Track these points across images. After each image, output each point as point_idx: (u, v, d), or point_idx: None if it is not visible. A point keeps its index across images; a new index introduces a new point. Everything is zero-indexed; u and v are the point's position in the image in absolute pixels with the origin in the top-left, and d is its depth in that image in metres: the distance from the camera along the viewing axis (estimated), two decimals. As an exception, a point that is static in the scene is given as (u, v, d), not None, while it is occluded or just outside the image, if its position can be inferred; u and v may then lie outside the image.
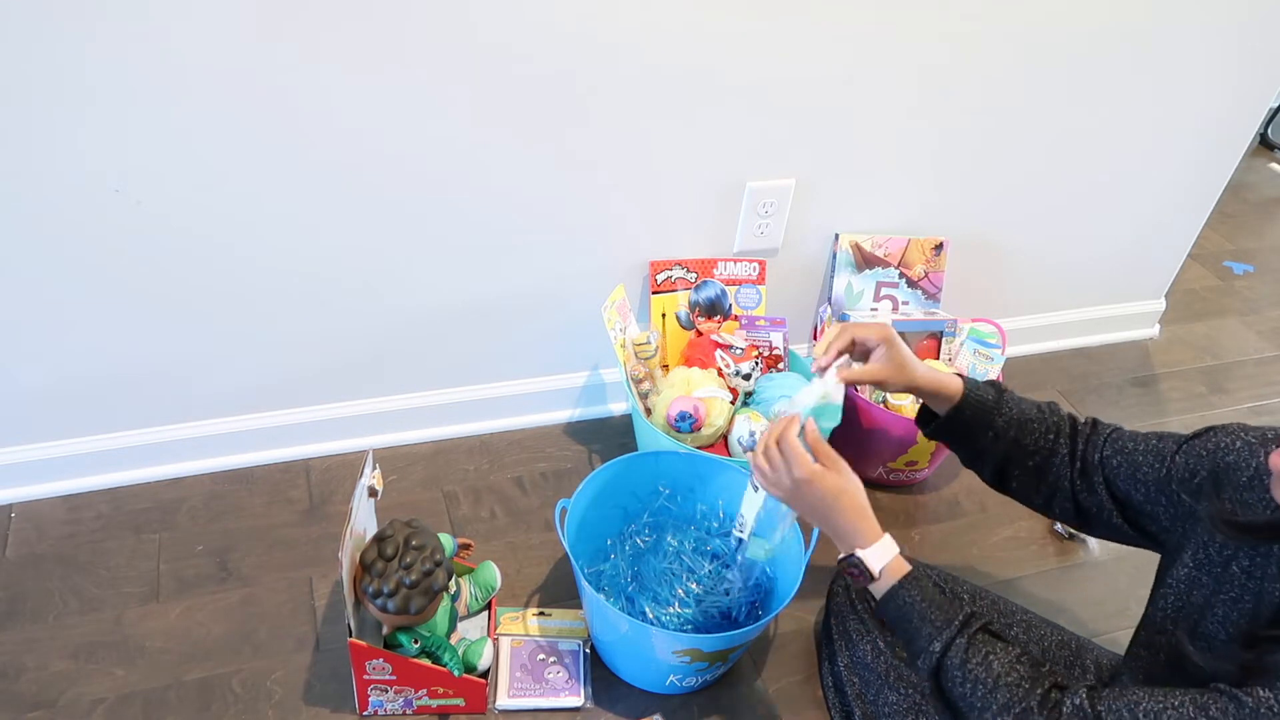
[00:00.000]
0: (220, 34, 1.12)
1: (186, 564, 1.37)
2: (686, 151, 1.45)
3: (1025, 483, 1.12)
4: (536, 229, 1.45)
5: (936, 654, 0.94)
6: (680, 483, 1.38)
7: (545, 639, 1.30)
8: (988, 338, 1.70)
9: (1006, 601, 1.25)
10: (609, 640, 1.26)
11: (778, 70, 1.40)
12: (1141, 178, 1.84)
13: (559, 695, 1.25)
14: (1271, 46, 1.72)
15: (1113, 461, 1.04)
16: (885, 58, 1.45)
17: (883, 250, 1.70)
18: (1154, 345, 2.16)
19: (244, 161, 1.23)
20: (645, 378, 1.53)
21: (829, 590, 1.28)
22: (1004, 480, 1.14)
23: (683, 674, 1.22)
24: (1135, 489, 1.02)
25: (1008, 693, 0.89)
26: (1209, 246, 2.50)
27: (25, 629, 1.26)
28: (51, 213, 1.19)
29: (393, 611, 1.09)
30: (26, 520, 1.41)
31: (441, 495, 1.54)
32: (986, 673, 0.91)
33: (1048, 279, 1.94)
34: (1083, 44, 1.57)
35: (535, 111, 1.32)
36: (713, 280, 1.61)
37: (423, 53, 1.21)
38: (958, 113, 1.58)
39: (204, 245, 1.29)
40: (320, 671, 1.25)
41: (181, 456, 1.49)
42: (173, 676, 1.23)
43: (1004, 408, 1.11)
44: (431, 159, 1.31)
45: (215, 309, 1.36)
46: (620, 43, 1.29)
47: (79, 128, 1.14)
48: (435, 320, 1.50)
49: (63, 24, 1.06)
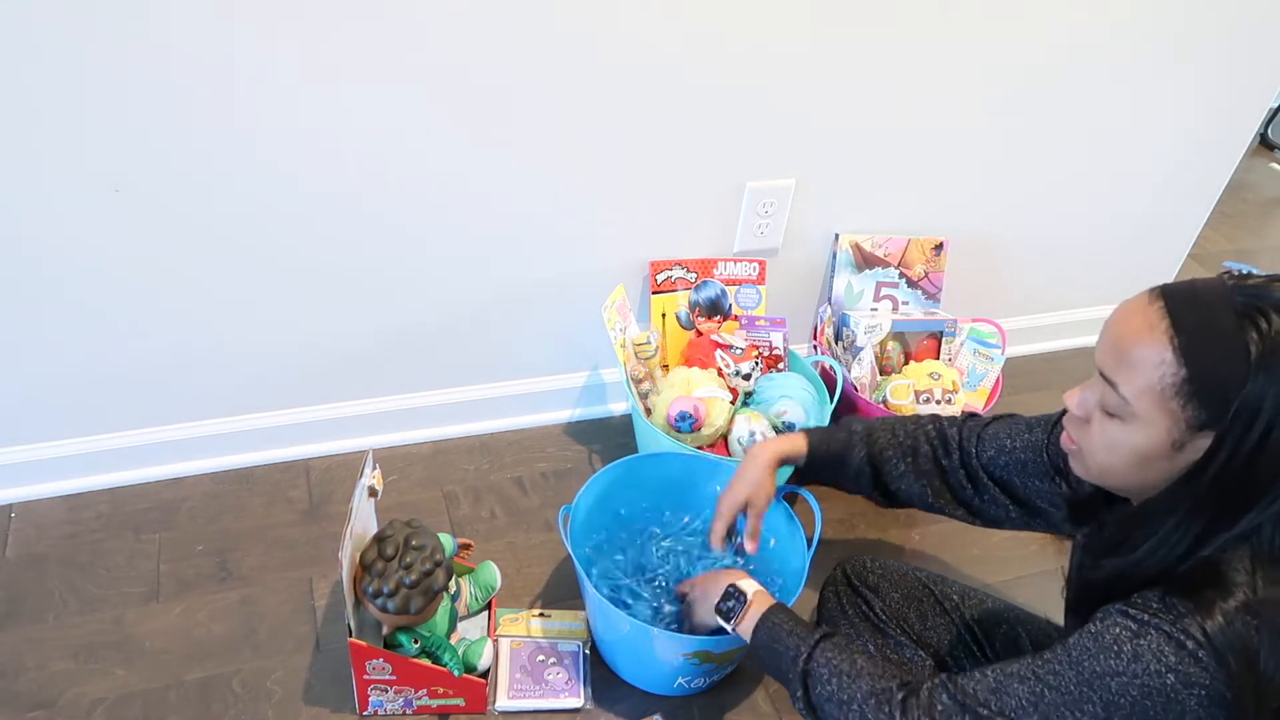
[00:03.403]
0: (219, 31, 1.12)
1: (186, 564, 1.37)
2: (687, 151, 1.45)
3: (915, 497, 1.18)
4: (537, 229, 1.45)
5: (804, 658, 0.97)
6: (682, 483, 1.38)
7: (545, 640, 1.30)
8: (988, 338, 1.70)
9: (997, 600, 1.25)
10: (613, 641, 1.26)
11: (778, 71, 1.40)
12: (1142, 178, 1.84)
13: (559, 696, 1.24)
14: (1271, 46, 1.72)
15: (998, 461, 1.10)
16: (885, 58, 1.45)
17: (883, 250, 1.70)
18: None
19: (244, 164, 1.23)
20: (645, 378, 1.53)
21: (820, 596, 1.28)
22: (894, 499, 1.20)
23: (691, 675, 1.22)
24: (1029, 484, 1.07)
25: (869, 681, 0.92)
26: (1209, 246, 2.50)
27: (25, 629, 1.26)
28: (51, 213, 1.19)
29: (393, 611, 1.09)
30: (26, 520, 1.41)
31: (441, 495, 1.54)
32: (850, 666, 0.95)
33: (1048, 279, 1.94)
34: (1082, 45, 1.57)
35: (535, 112, 1.32)
36: (713, 280, 1.61)
37: (423, 57, 1.21)
38: (958, 113, 1.58)
39: (203, 245, 1.29)
40: (320, 671, 1.25)
41: (181, 456, 1.49)
42: (173, 676, 1.23)
43: (854, 448, 1.18)
44: (431, 161, 1.31)
45: (215, 309, 1.36)
46: (621, 43, 1.29)
47: (70, 128, 1.14)
48: (435, 320, 1.50)
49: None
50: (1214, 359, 0.72)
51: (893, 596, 1.22)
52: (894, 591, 1.22)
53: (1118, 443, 0.80)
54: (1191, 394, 0.74)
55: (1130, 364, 0.76)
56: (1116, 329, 0.79)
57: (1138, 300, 0.78)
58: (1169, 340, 0.74)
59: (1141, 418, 0.77)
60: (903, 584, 1.23)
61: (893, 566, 1.25)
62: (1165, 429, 0.76)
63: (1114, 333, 0.79)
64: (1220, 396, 0.72)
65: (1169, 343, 0.74)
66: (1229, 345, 0.72)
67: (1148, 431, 0.77)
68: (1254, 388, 0.71)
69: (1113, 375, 0.78)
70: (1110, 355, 0.79)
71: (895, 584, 1.23)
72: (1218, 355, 0.72)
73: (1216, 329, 0.73)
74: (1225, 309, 0.73)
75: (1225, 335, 0.72)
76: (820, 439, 1.20)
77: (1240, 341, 0.71)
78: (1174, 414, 0.75)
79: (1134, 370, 0.76)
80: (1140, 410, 0.77)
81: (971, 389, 1.69)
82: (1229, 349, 0.72)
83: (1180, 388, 0.74)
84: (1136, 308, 0.77)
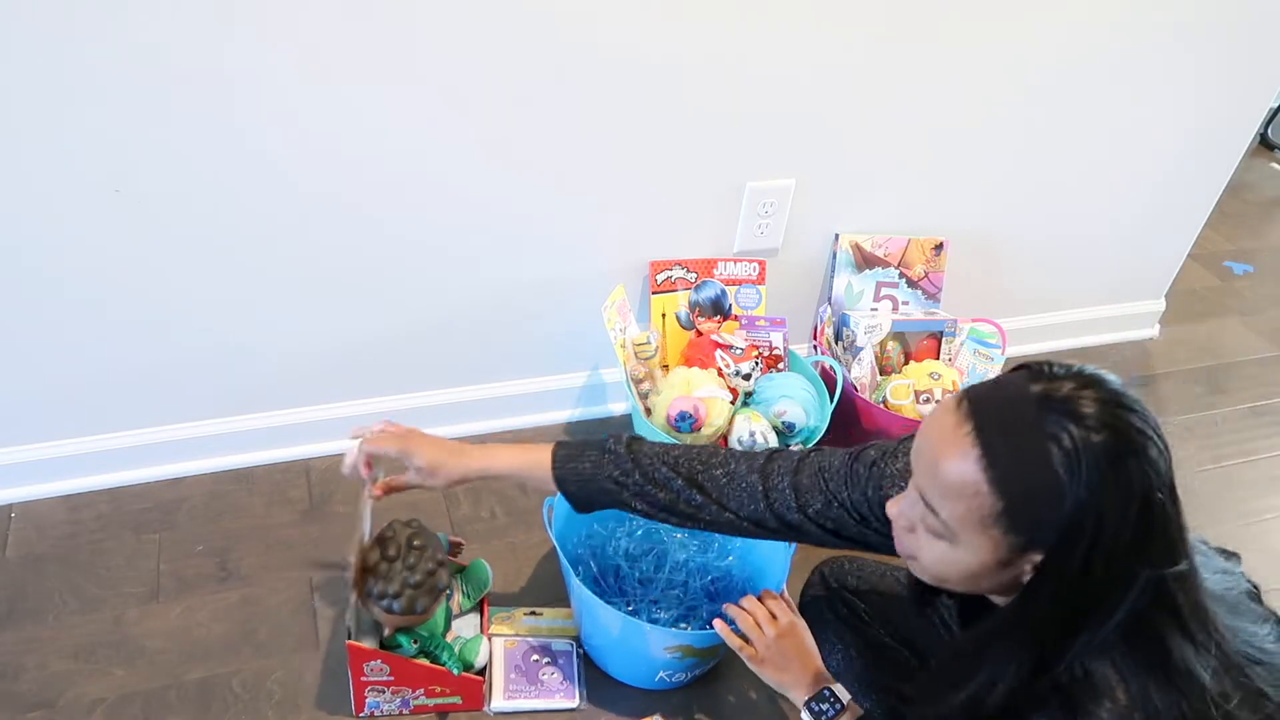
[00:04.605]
0: (208, 33, 1.12)
1: (186, 564, 1.37)
2: (687, 151, 1.45)
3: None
4: (537, 229, 1.45)
5: None
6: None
7: (538, 639, 1.30)
8: (988, 338, 1.70)
9: None
10: (596, 635, 1.26)
11: (778, 71, 1.40)
12: (1142, 178, 1.84)
13: (553, 697, 1.25)
14: (1271, 46, 1.72)
15: (827, 513, 1.00)
16: (885, 58, 1.45)
17: (883, 250, 1.70)
18: (1154, 345, 2.16)
19: (244, 165, 1.23)
20: (645, 378, 1.53)
21: (800, 602, 1.26)
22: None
23: (673, 670, 1.22)
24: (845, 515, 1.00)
25: None
26: (1209, 246, 2.50)
27: (25, 629, 1.26)
28: (51, 213, 1.19)
29: (398, 612, 1.09)
30: (26, 520, 1.41)
31: (441, 495, 1.54)
32: None
33: (1048, 279, 1.94)
34: (1082, 44, 1.57)
35: (536, 112, 1.32)
36: (713, 280, 1.61)
37: (424, 57, 1.21)
38: (958, 113, 1.58)
39: (203, 245, 1.29)
40: (320, 671, 1.25)
41: (181, 456, 1.49)
42: (173, 676, 1.23)
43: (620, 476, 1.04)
44: (430, 161, 1.31)
45: (215, 309, 1.36)
46: (621, 44, 1.29)
47: (65, 128, 1.14)
48: (435, 320, 1.50)
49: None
50: (1028, 487, 0.70)
51: (873, 597, 1.21)
52: (873, 593, 1.22)
53: (946, 559, 0.78)
54: (1011, 524, 0.72)
55: (945, 491, 0.74)
56: (931, 453, 0.75)
57: (947, 416, 0.74)
58: (982, 471, 0.71)
59: (964, 542, 0.75)
60: (882, 584, 1.22)
61: (870, 567, 1.24)
62: (989, 552, 0.75)
63: (928, 456, 0.76)
64: (1040, 522, 0.71)
65: (982, 474, 0.71)
66: (1041, 472, 0.69)
67: (973, 553, 0.76)
68: (1071, 509, 0.69)
69: (930, 499, 0.76)
70: (927, 478, 0.76)
71: (874, 584, 1.22)
72: (1031, 483, 0.70)
73: (1027, 454, 0.70)
74: (1034, 432, 0.70)
75: (1036, 461, 0.69)
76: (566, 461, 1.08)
77: (1050, 465, 0.68)
78: (995, 540, 0.73)
79: (950, 498, 0.74)
80: (962, 535, 0.75)
81: (971, 389, 1.68)
82: (1041, 475, 0.69)
83: (999, 518, 0.72)
84: (948, 427, 0.74)
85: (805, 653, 1.09)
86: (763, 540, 1.20)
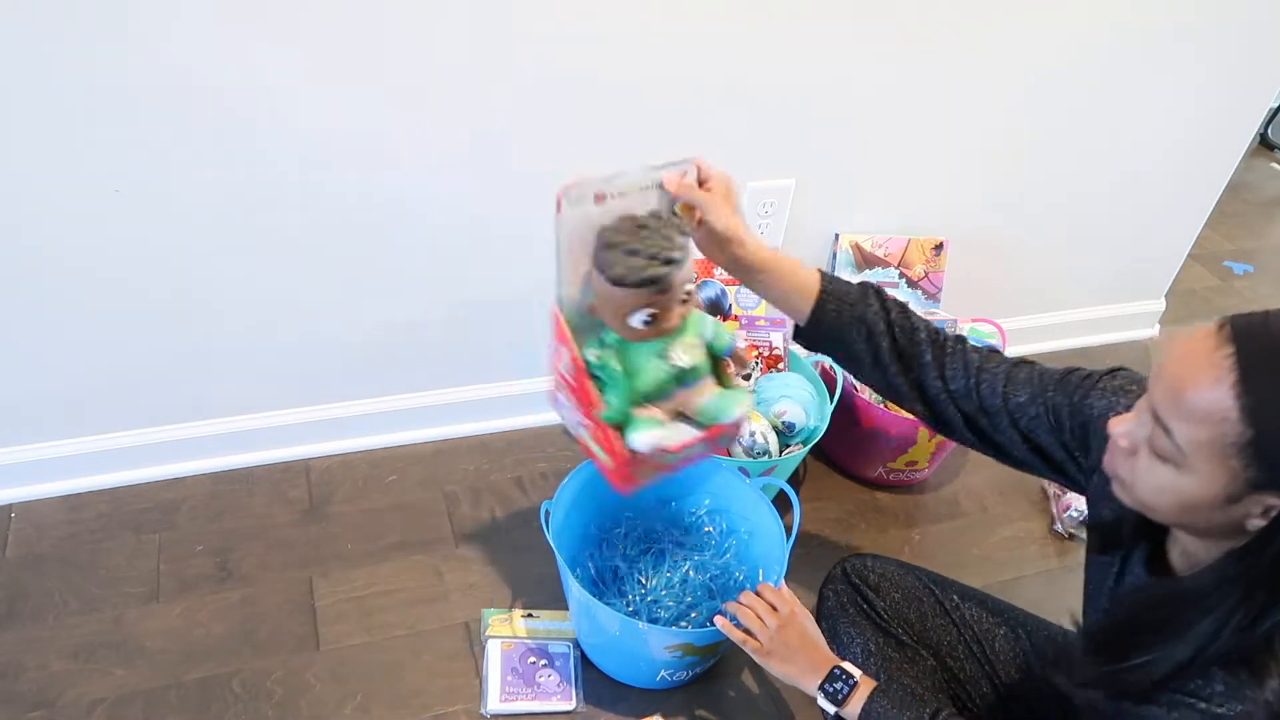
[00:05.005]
0: (204, 36, 1.12)
1: (186, 564, 1.37)
2: (687, 151, 1.45)
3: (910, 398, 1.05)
4: (537, 227, 1.45)
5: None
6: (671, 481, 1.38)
7: (534, 641, 1.30)
8: (988, 338, 1.70)
9: (997, 601, 1.24)
10: (596, 636, 1.26)
11: (778, 71, 1.40)
12: (1141, 178, 1.84)
13: (550, 699, 1.25)
14: (1271, 46, 1.72)
15: (1028, 409, 1.00)
16: (885, 58, 1.45)
17: (883, 250, 1.70)
18: (1154, 345, 2.16)
19: (244, 165, 1.23)
20: (645, 378, 1.53)
21: (820, 594, 1.27)
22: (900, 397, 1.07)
23: (674, 669, 1.23)
24: (1048, 435, 0.99)
25: None
26: (1209, 246, 2.50)
27: (25, 629, 1.26)
28: (51, 214, 1.19)
29: (638, 282, 0.94)
30: (26, 520, 1.41)
31: (442, 495, 1.54)
32: None
33: (1047, 279, 1.94)
34: (1082, 44, 1.57)
35: (536, 112, 1.32)
36: (713, 280, 1.61)
37: (423, 57, 1.21)
38: (958, 113, 1.58)
39: (203, 246, 1.29)
40: (320, 672, 1.25)
41: (181, 456, 1.49)
42: (173, 676, 1.23)
43: (869, 304, 1.03)
44: (430, 160, 1.31)
45: (215, 309, 1.36)
46: (621, 44, 1.29)
47: (70, 128, 1.14)
48: (436, 320, 1.50)
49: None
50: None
51: (893, 596, 1.22)
52: (894, 591, 1.22)
53: (1165, 487, 0.74)
54: (1255, 456, 0.67)
55: (1188, 414, 0.69)
56: (1176, 370, 0.70)
57: (1203, 339, 0.69)
58: (1235, 397, 0.66)
59: (1195, 469, 0.71)
60: (903, 584, 1.23)
61: (892, 566, 1.24)
62: (1221, 484, 0.70)
63: (1172, 373, 0.71)
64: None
65: (1235, 399, 0.66)
66: None
67: (1201, 483, 0.71)
68: None
69: (1167, 420, 0.71)
70: (1166, 398, 0.71)
71: (895, 584, 1.23)
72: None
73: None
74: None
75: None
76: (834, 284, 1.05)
77: None
78: (1233, 471, 0.69)
79: (1192, 421, 0.69)
80: (1195, 462, 0.70)
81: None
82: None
83: (1243, 449, 0.67)
84: (1201, 350, 0.69)
85: (809, 641, 1.09)
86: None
